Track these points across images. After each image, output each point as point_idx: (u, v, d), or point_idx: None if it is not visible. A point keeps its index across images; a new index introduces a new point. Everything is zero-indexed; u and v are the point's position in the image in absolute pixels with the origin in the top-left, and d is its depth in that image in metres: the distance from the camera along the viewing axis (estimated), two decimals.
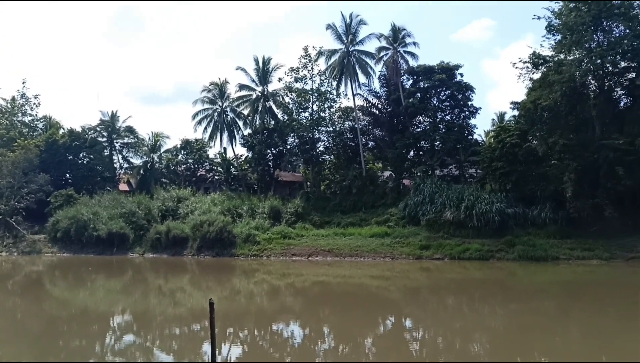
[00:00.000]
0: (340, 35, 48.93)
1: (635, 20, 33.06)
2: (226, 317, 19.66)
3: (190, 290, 28.89)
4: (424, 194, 39.95)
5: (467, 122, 47.20)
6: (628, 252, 30.77)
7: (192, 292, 27.87)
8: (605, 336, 16.32)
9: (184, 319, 20.84)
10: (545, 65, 36.15)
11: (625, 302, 21.69)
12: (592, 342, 15.82)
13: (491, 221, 35.23)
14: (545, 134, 35.05)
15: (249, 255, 40.01)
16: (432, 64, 47.19)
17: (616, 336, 16.25)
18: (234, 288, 29.25)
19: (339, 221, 42.99)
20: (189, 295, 27.21)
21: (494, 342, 16.39)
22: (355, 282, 30.36)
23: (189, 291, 28.20)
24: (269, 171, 55.76)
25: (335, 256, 37.46)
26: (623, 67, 34.65)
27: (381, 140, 51.11)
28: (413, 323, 20.05)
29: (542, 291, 25.78)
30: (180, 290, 28.54)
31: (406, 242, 37.20)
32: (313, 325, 19.19)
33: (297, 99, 50.34)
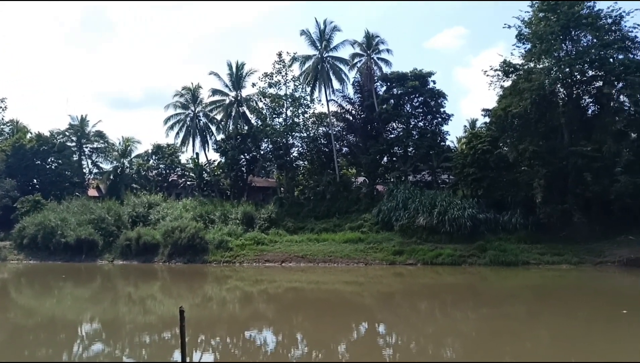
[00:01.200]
0: (314, 41, 48.95)
1: (602, 30, 33.96)
2: (198, 324, 19.39)
3: (161, 297, 28.36)
4: (398, 200, 40.14)
5: (439, 129, 47.71)
6: (596, 257, 31.42)
7: (163, 300, 27.37)
8: (574, 340, 16.56)
9: (154, 327, 20.42)
10: (516, 73, 36.85)
11: (593, 306, 22.11)
12: (561, 346, 16.01)
13: (463, 227, 35.59)
14: (516, 141, 35.65)
15: (221, 262, 39.53)
16: (405, 71, 47.63)
17: (584, 339, 16.53)
18: (205, 295, 28.83)
19: (312, 227, 42.85)
20: (160, 302, 26.72)
21: (466, 347, 16.50)
22: (329, 288, 30.24)
23: (160, 299, 27.69)
24: (242, 177, 55.32)
25: (309, 262, 37.27)
26: (591, 76, 35.54)
27: (355, 146, 51.24)
28: (386, 328, 20.02)
29: (513, 295, 26.08)
30: (150, 298, 28.00)
31: (380, 248, 37.27)
32: (286, 332, 19.00)
33: (271, 104, 50.12)
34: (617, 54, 34.05)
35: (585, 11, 34.23)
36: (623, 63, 33.15)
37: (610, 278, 28.76)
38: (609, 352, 14.88)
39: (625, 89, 33.20)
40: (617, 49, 33.86)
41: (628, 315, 19.52)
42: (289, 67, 49.85)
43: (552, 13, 34.78)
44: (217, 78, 53.98)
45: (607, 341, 16.21)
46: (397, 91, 47.62)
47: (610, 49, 33.83)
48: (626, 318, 19.25)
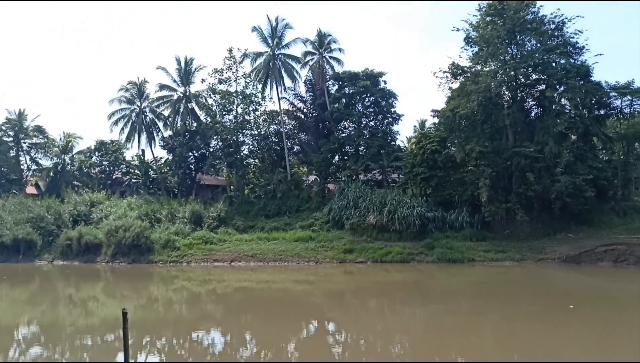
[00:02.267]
0: (266, 38, 48.49)
1: (545, 35, 35.24)
2: (142, 326, 18.99)
3: (103, 298, 27.36)
4: (349, 199, 40.32)
5: (390, 129, 48.28)
6: (537, 254, 32.53)
7: (106, 301, 26.43)
8: (517, 334, 17.04)
9: (96, 329, 19.67)
10: (464, 75, 37.69)
11: (535, 301, 22.85)
12: (505, 340, 16.48)
13: (412, 225, 36.11)
14: (463, 141, 36.44)
15: (167, 262, 38.55)
16: (357, 71, 47.93)
17: (527, 334, 17.00)
18: (151, 295, 28.02)
19: (263, 226, 42.42)
20: (102, 304, 25.79)
21: (414, 343, 16.70)
22: (279, 287, 29.99)
23: (103, 300, 26.72)
24: (191, 175, 54.19)
25: (259, 262, 36.82)
26: (534, 80, 36.78)
27: (306, 144, 51.15)
28: (336, 326, 19.96)
29: (459, 292, 26.60)
30: (92, 299, 26.93)
31: (330, 246, 37.29)
32: (235, 332, 18.67)
33: (221, 101, 49.23)
34: (559, 59, 35.41)
35: (530, 16, 35.41)
36: (564, 67, 34.51)
37: (551, 274, 29.79)
38: (550, 345, 15.37)
39: (566, 93, 34.55)
40: (559, 54, 35.21)
41: (570, 309, 20.28)
42: (239, 63, 49.21)
43: (499, 17, 35.78)
44: (165, 73, 52.77)
45: (549, 334, 16.73)
46: (349, 90, 47.86)
47: (552, 54, 35.14)
48: (568, 312, 19.99)
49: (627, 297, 23.37)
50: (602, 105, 36.09)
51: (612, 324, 17.96)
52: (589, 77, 34.81)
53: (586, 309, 20.40)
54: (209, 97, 50.68)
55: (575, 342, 15.68)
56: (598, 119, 36.01)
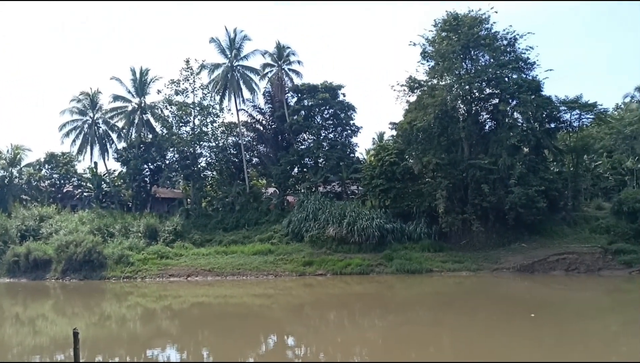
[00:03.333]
0: (224, 49, 48.02)
1: (498, 51, 36.35)
2: (95, 345, 18.48)
3: (53, 317, 26.29)
4: (308, 211, 40.15)
5: (349, 141, 48.49)
6: (493, 264, 33.18)
7: (56, 319, 25.46)
8: (474, 342, 17.30)
9: (45, 349, 18.84)
10: (420, 89, 38.33)
11: (491, 310, 23.35)
12: (462, 349, 16.66)
13: (371, 237, 36.23)
14: (420, 154, 36.96)
15: (121, 277, 37.38)
16: (316, 83, 48.05)
17: (484, 342, 17.28)
18: (103, 313, 27.16)
19: (220, 239, 41.67)
20: (52, 322, 24.81)
21: (373, 354, 16.74)
22: (237, 302, 29.61)
23: (52, 319, 25.69)
24: (146, 188, 52.84)
25: (217, 276, 36.18)
26: (488, 94, 37.78)
27: (265, 156, 50.79)
28: (295, 340, 19.80)
29: (418, 302, 26.86)
30: (41, 318, 25.82)
31: (290, 259, 36.96)
32: (191, 349, 18.32)
33: (178, 112, 48.36)
34: (512, 74, 36.52)
35: (483, 32, 36.48)
36: (517, 82, 35.61)
37: (506, 284, 30.44)
38: (507, 353, 15.61)
39: (518, 107, 35.66)
40: (511, 69, 36.34)
41: (526, 317, 20.70)
42: (197, 74, 48.52)
43: (454, 33, 36.70)
44: (120, 83, 51.42)
45: (506, 343, 17.07)
46: (308, 102, 47.91)
47: (505, 69, 36.24)
48: (524, 320, 20.42)
49: (580, 305, 24.15)
50: (552, 119, 37.36)
51: (568, 331, 18.40)
52: (540, 92, 36.00)
53: (543, 317, 20.84)
54: (165, 109, 49.75)
55: (533, 350, 15.94)
56: (549, 132, 37.22)
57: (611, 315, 21.63)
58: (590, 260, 31.45)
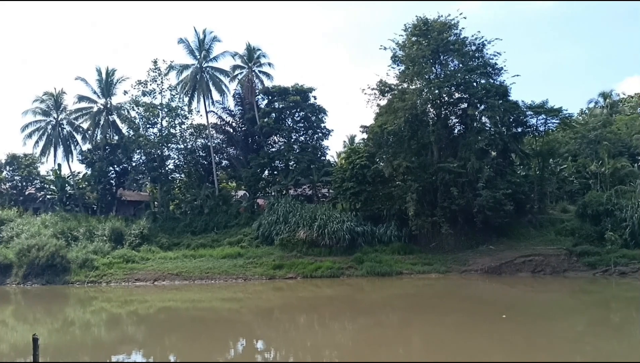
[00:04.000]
0: (193, 50, 47.43)
1: (467, 56, 36.82)
2: (57, 351, 17.90)
3: (13, 323, 25.27)
4: (278, 214, 39.83)
5: (320, 144, 48.48)
6: (462, 266, 33.51)
7: (16, 325, 24.44)
8: (443, 344, 17.37)
9: (5, 356, 18.04)
10: (391, 92, 38.52)
11: (459, 311, 23.52)
12: (431, 351, 16.70)
13: (342, 239, 36.18)
14: (391, 157, 37.10)
15: (85, 282, 36.33)
16: (287, 86, 47.88)
17: (453, 342, 17.38)
18: (66, 318, 26.33)
19: (189, 243, 40.98)
20: (12, 328, 23.84)
21: (343, 357, 16.71)
22: (206, 306, 29.07)
23: (12, 325, 24.70)
24: (111, 190, 51.61)
25: (184, 280, 35.49)
26: (457, 98, 38.23)
27: (235, 159, 50.30)
28: (265, 344, 19.52)
29: (388, 305, 26.89)
30: (1, 324, 24.79)
31: (259, 262, 36.56)
32: (158, 354, 17.92)
33: (145, 113, 47.47)
34: (480, 79, 37.06)
35: (453, 38, 36.89)
36: (485, 87, 36.12)
37: (474, 285, 30.77)
38: (476, 353, 15.72)
39: (486, 111, 36.14)
40: (480, 74, 36.89)
41: (494, 318, 20.90)
42: (165, 75, 47.82)
43: (424, 38, 37.02)
44: (85, 84, 50.23)
45: (474, 343, 17.16)
46: (279, 105, 47.69)
47: (474, 74, 36.77)
48: (492, 321, 20.64)
49: (546, 305, 24.54)
50: (519, 123, 38.07)
51: (535, 332, 18.62)
52: (507, 97, 36.63)
53: (510, 318, 21.08)
54: (132, 110, 48.83)
55: (501, 350, 16.07)
56: (516, 136, 37.90)
57: (576, 316, 22.05)
58: (555, 261, 32.05)
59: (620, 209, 33.25)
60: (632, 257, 30.32)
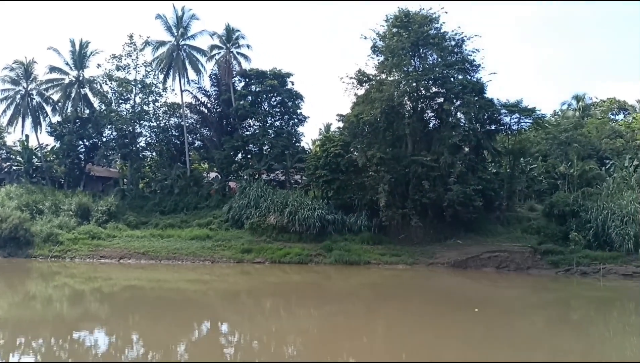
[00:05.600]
0: (170, 27, 46.37)
1: (446, 51, 36.91)
2: (17, 325, 17.93)
3: None
4: (250, 198, 39.56)
5: (295, 130, 48.15)
6: (429, 258, 33.91)
7: None
8: (407, 334, 17.62)
9: None
10: (369, 83, 38.36)
11: (424, 302, 23.93)
12: (394, 339, 16.93)
13: (312, 227, 36.17)
14: (365, 147, 37.09)
15: (49, 257, 35.84)
16: (264, 69, 47.28)
17: (416, 333, 17.62)
18: (28, 293, 25.92)
19: (157, 222, 40.50)
20: None
21: (307, 343, 16.71)
22: (171, 286, 28.77)
23: None
24: (80, 165, 50.45)
25: (151, 260, 35.15)
26: (434, 92, 38.31)
27: (209, 140, 49.66)
28: (229, 327, 19.49)
29: (354, 293, 27.06)
30: None
31: (228, 245, 36.36)
32: (121, 333, 17.69)
33: (118, 88, 46.45)
34: (458, 74, 37.21)
35: (433, 32, 36.91)
36: (462, 83, 36.34)
37: (439, 278, 31.19)
38: (436, 343, 16.04)
39: (462, 107, 36.40)
40: (457, 70, 37.03)
41: (457, 310, 21.23)
42: (140, 51, 46.84)
43: (404, 30, 36.94)
44: (57, 54, 48.72)
45: (435, 333, 17.48)
46: (256, 88, 47.06)
47: (452, 69, 36.87)
48: (455, 313, 20.96)
49: (509, 301, 25.07)
50: (493, 121, 38.44)
51: (496, 326, 19.03)
52: (483, 94, 36.89)
53: (472, 311, 21.45)
54: (105, 84, 47.72)
55: (462, 342, 16.35)
56: (489, 133, 38.30)
57: (537, 313, 22.54)
58: (520, 258, 32.65)
59: (585, 210, 33.97)
60: (594, 258, 31.05)
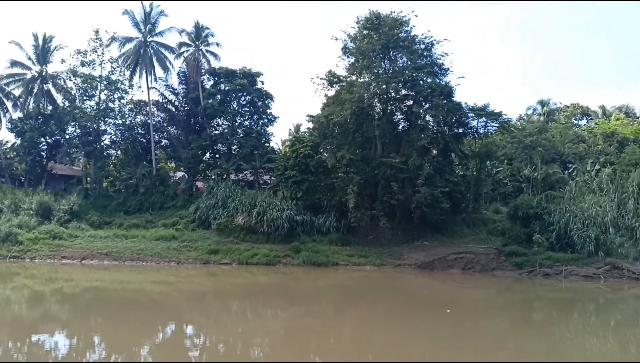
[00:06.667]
0: (138, 23, 45.48)
1: (416, 54, 37.21)
2: None
3: None
4: (217, 198, 39.07)
5: (265, 130, 47.78)
6: (396, 259, 34.09)
7: None
8: (374, 335, 17.64)
9: None
10: (339, 84, 38.37)
11: (392, 303, 24.02)
12: (361, 340, 16.92)
13: (281, 227, 35.94)
14: (335, 148, 37.08)
15: (7, 257, 34.81)
16: (234, 68, 46.84)
17: (383, 334, 17.64)
18: None
19: (121, 222, 39.60)
20: None
21: (274, 345, 16.58)
22: (135, 288, 28.29)
23: None
24: (41, 162, 49.04)
25: (114, 260, 34.35)
26: (403, 95, 38.53)
27: (176, 139, 48.88)
28: (195, 329, 19.13)
29: (322, 294, 27.00)
30: None
31: (194, 246, 35.81)
32: (82, 335, 17.20)
33: (83, 85, 45.36)
34: (427, 78, 37.50)
35: (403, 34, 37.16)
36: (431, 86, 36.67)
37: (406, 279, 31.37)
38: (402, 343, 16.15)
39: (430, 110, 36.74)
40: (426, 73, 37.35)
41: (421, 311, 21.36)
42: (106, 46, 45.86)
43: (375, 32, 37.10)
44: (19, 48, 47.33)
45: (402, 334, 17.55)
46: (225, 87, 46.59)
47: (421, 72, 37.17)
48: (419, 314, 21.10)
49: (474, 302, 25.40)
50: (460, 124, 38.95)
51: (462, 327, 19.21)
52: (451, 98, 37.32)
53: (438, 312, 21.63)
54: (69, 80, 46.61)
55: (429, 342, 16.45)
56: (457, 136, 38.79)
57: (501, 313, 22.89)
58: (485, 260, 33.14)
59: (548, 213, 34.76)
60: (557, 260, 31.77)
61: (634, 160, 37.80)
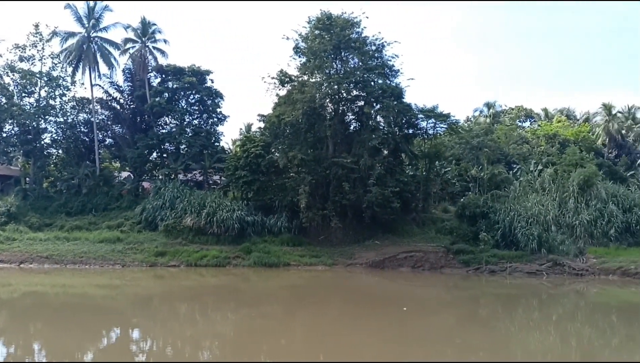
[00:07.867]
0: (81, 17, 43.59)
1: (367, 55, 37.46)
2: None
3: None
4: (165, 199, 38.04)
5: (215, 129, 46.93)
6: (348, 259, 34.21)
7: None
8: (325, 334, 17.64)
9: None
10: (291, 83, 38.15)
11: (343, 303, 24.15)
12: (312, 340, 16.87)
13: (231, 228, 35.35)
14: (287, 148, 36.85)
15: None
16: (182, 66, 45.70)
17: (334, 333, 17.62)
18: None
19: (62, 224, 37.91)
20: None
21: (224, 347, 16.42)
22: (77, 292, 27.26)
23: None
24: None
25: (55, 264, 32.89)
26: (355, 95, 38.72)
27: (121, 138, 47.20)
28: (141, 333, 18.55)
29: (272, 295, 26.81)
30: None
31: (140, 248, 34.69)
32: (20, 342, 16.47)
33: (21, 81, 43.12)
34: (378, 79, 37.85)
35: (354, 35, 37.33)
36: (381, 87, 37.04)
37: (357, 279, 31.58)
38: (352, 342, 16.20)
39: (381, 111, 37.11)
40: (377, 74, 37.68)
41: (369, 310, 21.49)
42: (47, 41, 43.71)
43: (326, 32, 37.10)
44: None
45: (353, 333, 17.61)
46: (173, 84, 45.39)
47: (372, 73, 37.48)
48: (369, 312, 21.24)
49: (423, 300, 25.92)
50: (410, 125, 39.48)
51: (411, 324, 19.44)
52: (402, 99, 37.74)
53: (389, 310, 21.84)
54: (6, 75, 43.93)
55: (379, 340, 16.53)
56: (407, 137, 39.30)
57: (450, 310, 23.37)
58: (434, 258, 33.78)
59: (494, 212, 35.76)
60: (502, 257, 32.77)
61: (574, 161, 39.34)
